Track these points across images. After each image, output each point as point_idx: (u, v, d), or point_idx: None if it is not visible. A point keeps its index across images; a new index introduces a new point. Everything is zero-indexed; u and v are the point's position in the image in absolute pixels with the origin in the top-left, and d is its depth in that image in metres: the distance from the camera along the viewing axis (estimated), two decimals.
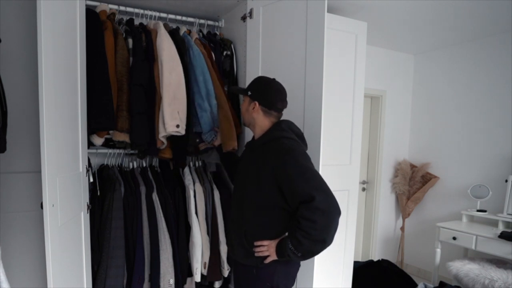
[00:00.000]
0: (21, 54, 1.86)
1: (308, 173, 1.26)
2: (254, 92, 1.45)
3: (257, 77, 1.56)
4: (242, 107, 1.53)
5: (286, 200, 1.30)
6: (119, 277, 1.93)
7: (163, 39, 1.98)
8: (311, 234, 1.21)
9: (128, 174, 2.17)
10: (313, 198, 1.20)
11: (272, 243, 1.34)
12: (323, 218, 1.21)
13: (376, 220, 3.51)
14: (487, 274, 2.33)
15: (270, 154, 1.34)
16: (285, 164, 1.27)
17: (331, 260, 2.17)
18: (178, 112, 1.93)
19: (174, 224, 2.12)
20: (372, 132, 3.49)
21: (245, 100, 1.50)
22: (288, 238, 1.28)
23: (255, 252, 1.37)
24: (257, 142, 1.45)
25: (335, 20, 2.11)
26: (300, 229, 1.23)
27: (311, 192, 1.21)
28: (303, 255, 1.28)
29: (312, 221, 1.20)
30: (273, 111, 1.45)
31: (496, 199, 2.77)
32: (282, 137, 1.38)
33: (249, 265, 1.41)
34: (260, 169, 1.35)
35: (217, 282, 2.32)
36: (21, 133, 1.87)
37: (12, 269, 1.80)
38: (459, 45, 3.13)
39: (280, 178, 1.28)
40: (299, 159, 1.29)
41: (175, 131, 1.92)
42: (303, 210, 1.23)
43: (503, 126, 2.81)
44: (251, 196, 1.39)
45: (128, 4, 2.16)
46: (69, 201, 1.47)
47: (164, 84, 1.92)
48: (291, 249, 1.26)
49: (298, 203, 1.25)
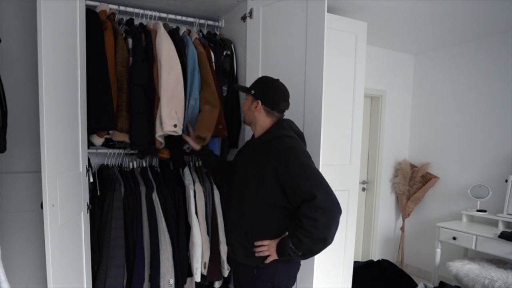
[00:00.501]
0: (21, 54, 1.86)
1: (309, 171, 1.27)
2: (257, 91, 1.45)
3: (262, 76, 1.55)
4: (244, 105, 1.52)
5: (288, 199, 1.30)
6: (119, 277, 1.93)
7: (162, 39, 1.98)
8: (312, 233, 1.21)
9: (128, 174, 2.17)
10: (314, 197, 1.21)
11: (272, 242, 1.34)
12: (324, 216, 1.21)
13: (376, 220, 3.51)
14: (487, 274, 2.33)
15: (271, 153, 1.34)
16: (287, 163, 1.27)
17: (331, 260, 2.17)
18: (176, 112, 1.93)
19: (174, 224, 2.12)
20: (372, 132, 3.49)
21: (247, 98, 1.50)
22: (288, 237, 1.28)
23: (256, 252, 1.37)
24: (258, 141, 1.45)
25: (335, 20, 2.11)
26: (301, 228, 1.23)
27: (312, 190, 1.22)
28: (304, 254, 1.28)
29: (313, 220, 1.21)
30: (275, 111, 1.45)
31: (496, 199, 2.77)
32: (283, 136, 1.38)
33: (250, 265, 1.41)
34: (261, 168, 1.35)
35: (217, 282, 2.32)
36: (21, 133, 1.87)
37: (12, 269, 1.80)
38: (459, 45, 3.13)
39: (282, 177, 1.28)
40: (300, 158, 1.30)
41: (172, 131, 1.92)
42: (305, 209, 1.23)
43: (503, 126, 2.81)
44: (251, 195, 1.39)
45: (128, 4, 2.15)
46: (69, 201, 1.47)
47: (162, 83, 1.92)
48: (292, 248, 1.26)
49: (299, 201, 1.26)
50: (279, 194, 1.31)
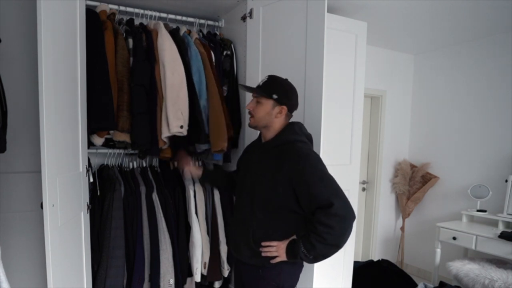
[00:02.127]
0: (21, 54, 1.86)
1: (326, 179, 1.28)
2: (281, 96, 1.38)
3: (276, 77, 1.44)
4: (260, 109, 1.39)
5: (299, 204, 1.31)
6: (119, 277, 1.93)
7: (164, 40, 1.98)
8: (326, 239, 1.23)
9: (128, 174, 2.17)
10: (331, 204, 1.22)
11: (281, 244, 1.34)
12: (340, 224, 1.23)
13: (376, 220, 3.50)
14: (487, 274, 2.33)
15: (285, 157, 1.32)
16: (302, 170, 1.27)
17: (331, 260, 2.15)
18: (182, 113, 1.94)
19: (174, 224, 2.12)
20: (372, 132, 3.49)
21: (265, 103, 1.38)
22: (300, 241, 1.29)
23: (263, 252, 1.36)
24: (269, 144, 1.42)
25: (335, 20, 2.11)
26: (316, 234, 1.24)
27: (330, 198, 1.23)
28: (315, 258, 1.29)
29: (329, 227, 1.22)
30: (291, 114, 1.46)
31: (496, 199, 2.77)
32: (296, 141, 1.38)
33: (255, 265, 1.40)
34: (274, 172, 1.33)
35: (217, 282, 2.32)
36: (21, 133, 1.87)
37: (12, 269, 1.79)
38: (459, 45, 3.12)
39: (297, 183, 1.28)
40: (316, 164, 1.30)
41: (179, 132, 1.93)
42: (321, 216, 1.24)
43: (503, 126, 2.81)
44: (262, 197, 1.37)
45: (128, 4, 2.16)
46: (69, 201, 1.47)
47: (167, 84, 1.92)
48: (304, 252, 1.27)
49: (314, 208, 1.27)
50: (291, 199, 1.31)
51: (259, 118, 1.40)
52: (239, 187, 1.55)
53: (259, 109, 1.40)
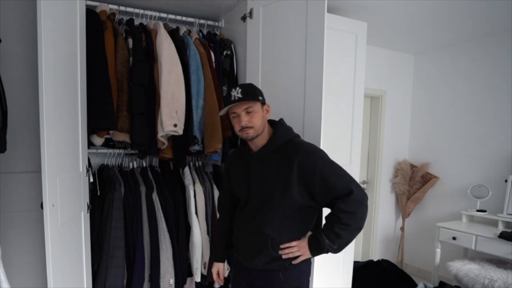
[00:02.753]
0: (21, 54, 1.86)
1: (337, 168, 1.30)
2: (262, 95, 1.38)
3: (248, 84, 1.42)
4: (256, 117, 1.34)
5: (313, 197, 1.32)
6: (119, 277, 1.93)
7: (163, 39, 1.98)
8: (350, 225, 1.26)
9: (128, 174, 2.17)
10: (351, 192, 1.25)
11: (301, 242, 1.33)
12: (361, 208, 1.27)
13: (376, 220, 3.50)
14: (487, 274, 2.33)
15: (292, 156, 1.30)
16: (314, 164, 1.28)
17: (331, 260, 2.16)
18: (176, 112, 1.93)
19: (174, 224, 2.13)
20: (372, 132, 3.49)
21: (256, 108, 1.34)
22: (321, 234, 1.30)
23: (283, 254, 1.34)
24: (267, 149, 1.37)
25: (335, 20, 2.11)
26: (339, 223, 1.26)
27: (349, 186, 1.26)
28: (339, 246, 1.31)
29: (352, 213, 1.25)
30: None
31: (496, 199, 2.77)
32: (294, 137, 1.40)
33: (275, 269, 1.37)
34: (285, 174, 1.31)
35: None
36: (21, 133, 1.87)
37: (12, 269, 1.79)
38: (459, 45, 3.12)
39: (309, 178, 1.28)
40: (324, 157, 1.33)
41: (173, 131, 1.92)
42: (342, 204, 1.26)
43: (503, 126, 2.81)
44: (277, 202, 1.33)
45: (128, 4, 2.16)
46: (69, 201, 1.47)
47: (163, 83, 1.93)
48: (328, 244, 1.28)
49: (331, 198, 1.28)
50: (305, 195, 1.31)
51: (258, 126, 1.34)
52: (242, 204, 1.47)
53: (255, 118, 1.34)
